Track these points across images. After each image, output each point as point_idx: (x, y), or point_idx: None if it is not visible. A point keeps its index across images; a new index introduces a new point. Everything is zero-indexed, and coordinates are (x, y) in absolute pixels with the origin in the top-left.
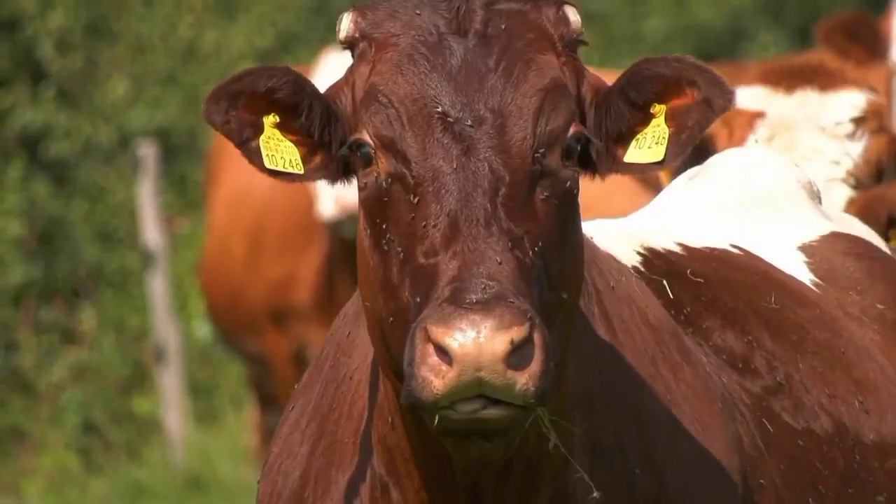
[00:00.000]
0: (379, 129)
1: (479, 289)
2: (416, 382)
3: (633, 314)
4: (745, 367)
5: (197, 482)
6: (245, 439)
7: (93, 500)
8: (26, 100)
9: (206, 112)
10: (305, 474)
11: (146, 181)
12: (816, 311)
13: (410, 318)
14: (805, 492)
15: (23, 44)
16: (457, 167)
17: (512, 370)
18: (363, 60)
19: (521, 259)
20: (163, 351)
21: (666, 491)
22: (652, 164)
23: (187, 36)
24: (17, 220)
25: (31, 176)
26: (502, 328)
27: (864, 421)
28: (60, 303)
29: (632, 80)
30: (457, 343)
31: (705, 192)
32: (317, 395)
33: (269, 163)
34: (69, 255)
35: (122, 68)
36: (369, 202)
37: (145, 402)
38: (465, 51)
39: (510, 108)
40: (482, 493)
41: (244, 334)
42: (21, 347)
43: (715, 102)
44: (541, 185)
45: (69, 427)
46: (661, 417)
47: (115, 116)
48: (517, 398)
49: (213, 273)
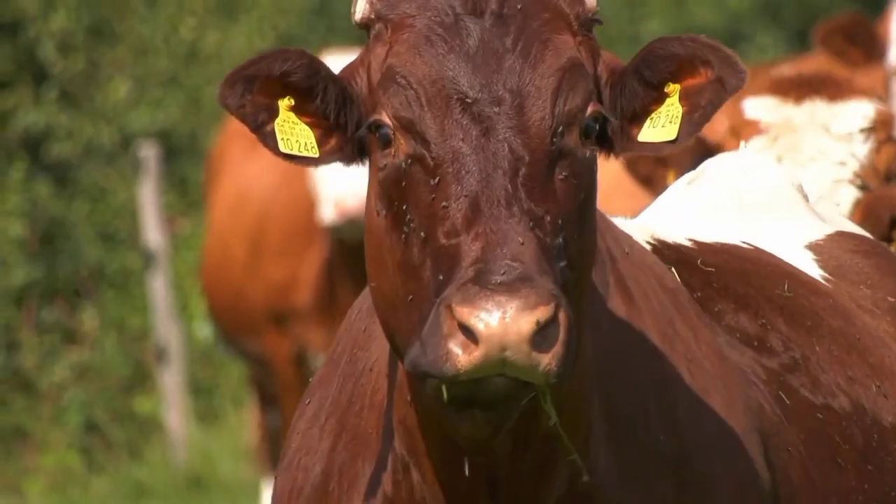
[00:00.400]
0: (398, 111)
1: (503, 270)
2: (440, 354)
3: (649, 279)
4: (760, 346)
5: (198, 481)
6: (246, 439)
7: (94, 500)
8: (28, 101)
9: (222, 96)
10: (328, 469)
11: (147, 182)
12: (830, 301)
13: (432, 297)
14: (825, 463)
15: (25, 45)
16: (476, 148)
17: (536, 351)
18: (379, 41)
19: (542, 239)
20: (164, 351)
21: (687, 452)
22: (665, 143)
23: (189, 38)
24: (19, 220)
25: (33, 177)
26: (528, 309)
27: (882, 404)
28: (62, 303)
29: (646, 59)
30: (483, 324)
31: (704, 194)
32: (335, 390)
33: (283, 147)
34: (71, 255)
35: (123, 70)
36: (387, 183)
37: (147, 402)
38: (482, 31)
39: (528, 88)
40: (498, 475)
41: (245, 335)
42: (23, 347)
43: (728, 82)
44: (560, 164)
45: (71, 426)
46: (681, 378)
47: (117, 118)
48: (539, 378)
49: (214, 275)
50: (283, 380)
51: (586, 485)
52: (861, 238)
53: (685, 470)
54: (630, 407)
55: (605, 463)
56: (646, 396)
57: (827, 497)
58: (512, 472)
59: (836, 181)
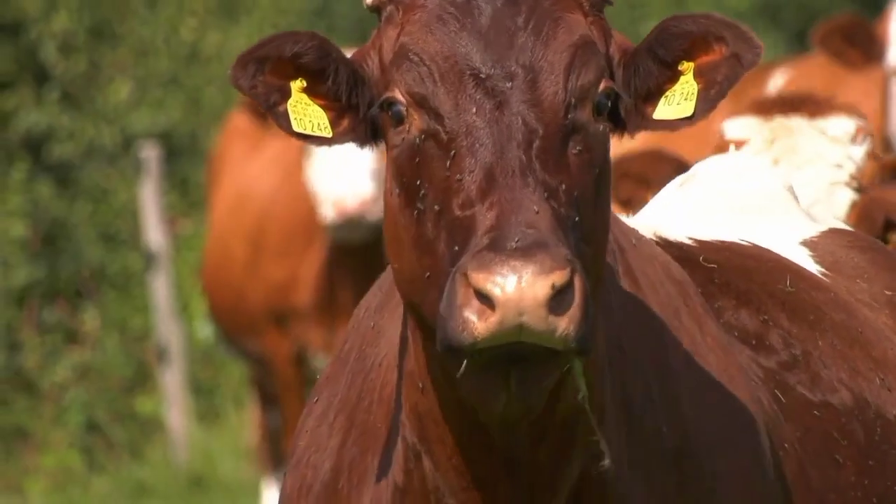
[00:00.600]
0: (411, 87)
1: (518, 236)
2: (457, 324)
3: (655, 270)
4: (758, 344)
5: (199, 481)
6: (247, 438)
7: (96, 499)
8: (30, 102)
9: (234, 77)
10: (337, 466)
11: (149, 183)
12: (831, 295)
13: (448, 270)
14: (822, 460)
15: (27, 46)
16: (490, 121)
17: (553, 315)
18: (391, 23)
19: (556, 209)
20: (165, 351)
21: (689, 443)
22: (681, 121)
23: (190, 39)
24: (20, 221)
25: (35, 177)
26: (543, 273)
27: (886, 397)
28: (64, 303)
29: (660, 37)
30: (498, 289)
31: (697, 195)
32: (344, 388)
33: (297, 126)
34: (72, 255)
35: (125, 71)
36: (401, 160)
37: (148, 402)
38: (494, 10)
39: (541, 63)
40: (517, 458)
41: (245, 335)
42: (25, 347)
43: (744, 57)
44: (573, 139)
45: (72, 426)
46: (686, 370)
47: (118, 119)
48: (558, 343)
49: (215, 275)
50: (283, 379)
51: (598, 472)
52: (855, 234)
53: (687, 462)
54: (637, 395)
55: (616, 450)
56: (651, 386)
57: (824, 493)
58: (531, 458)
59: (832, 184)
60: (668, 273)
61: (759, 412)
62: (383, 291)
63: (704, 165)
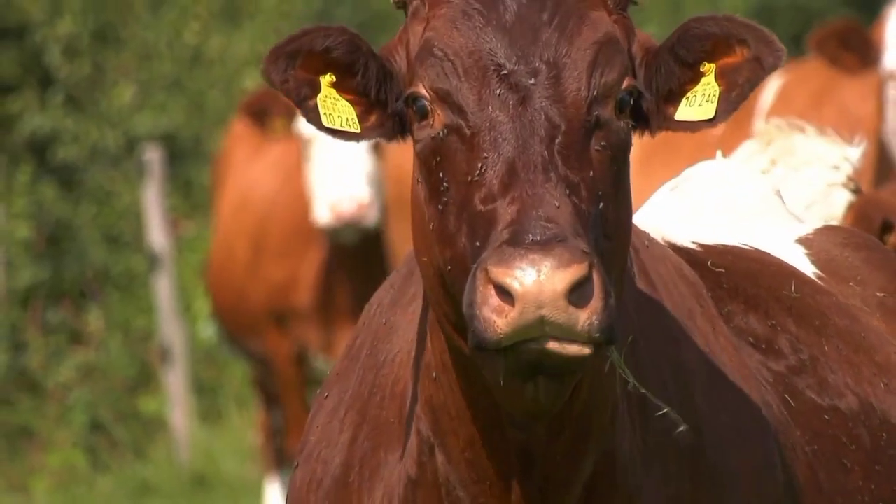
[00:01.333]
0: (434, 82)
1: (537, 230)
2: (479, 323)
3: (669, 270)
4: (768, 348)
5: (202, 480)
6: (249, 438)
7: (99, 498)
8: (35, 105)
9: (266, 71)
10: (348, 460)
11: (152, 185)
12: (833, 299)
13: (470, 264)
14: (831, 463)
15: (31, 50)
16: (513, 116)
17: (574, 307)
18: (417, 18)
19: (578, 205)
20: (168, 351)
21: (703, 438)
22: (703, 122)
23: (193, 43)
24: (25, 223)
25: (40, 180)
26: (562, 266)
27: (891, 402)
28: (68, 304)
29: (682, 38)
30: (517, 283)
31: (690, 198)
32: (355, 383)
33: (326, 121)
34: (76, 257)
35: (128, 74)
36: (425, 154)
37: (151, 402)
38: (519, 6)
39: (565, 60)
40: (532, 452)
41: (247, 335)
42: (29, 348)
43: (765, 60)
44: (595, 135)
45: (76, 426)
46: (700, 370)
47: (122, 122)
48: (581, 335)
49: (218, 275)
50: (283, 379)
51: (611, 467)
52: (850, 231)
53: (701, 459)
54: (656, 393)
55: (629, 446)
56: (666, 384)
57: (832, 497)
58: (546, 453)
59: (829, 185)
60: (680, 274)
61: (769, 415)
62: (395, 288)
63: (695, 170)
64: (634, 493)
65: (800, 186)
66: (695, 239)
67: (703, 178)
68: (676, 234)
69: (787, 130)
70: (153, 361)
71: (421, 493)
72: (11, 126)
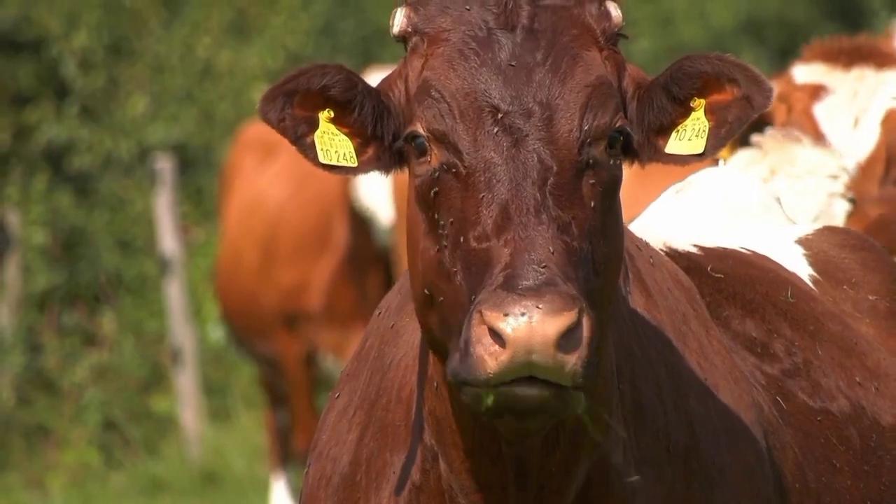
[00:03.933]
0: (431, 123)
1: (530, 275)
2: (472, 360)
3: (663, 275)
4: (763, 352)
5: (211, 477)
6: (257, 437)
7: (113, 494)
8: (51, 116)
9: (263, 111)
10: (356, 459)
11: (164, 193)
12: (826, 306)
13: (464, 299)
14: (820, 464)
15: (48, 63)
16: (507, 158)
17: (562, 353)
18: (416, 54)
19: (569, 244)
20: (179, 353)
21: (697, 442)
22: (692, 156)
23: (204, 56)
24: (41, 229)
25: (56, 188)
26: (553, 313)
27: (882, 405)
28: (82, 307)
29: (674, 76)
30: (510, 327)
31: (695, 201)
32: (363, 384)
33: (323, 157)
34: (91, 262)
35: (141, 86)
36: (423, 190)
37: (162, 401)
38: (514, 45)
39: (557, 101)
40: (527, 465)
41: (256, 338)
42: (45, 349)
43: (755, 100)
44: (587, 174)
45: (90, 425)
46: (694, 372)
47: (135, 132)
48: (566, 379)
49: (227, 280)
50: (292, 380)
51: (605, 473)
52: (849, 232)
53: (694, 459)
54: (646, 396)
55: (623, 451)
56: (661, 387)
57: (819, 495)
58: (541, 464)
59: (829, 194)
60: (675, 279)
61: (761, 416)
62: (402, 293)
63: (699, 176)
64: (629, 496)
65: (802, 196)
66: (696, 242)
67: (709, 183)
68: (678, 238)
69: (783, 141)
70: (164, 362)
71: (425, 498)
72: (28, 136)
